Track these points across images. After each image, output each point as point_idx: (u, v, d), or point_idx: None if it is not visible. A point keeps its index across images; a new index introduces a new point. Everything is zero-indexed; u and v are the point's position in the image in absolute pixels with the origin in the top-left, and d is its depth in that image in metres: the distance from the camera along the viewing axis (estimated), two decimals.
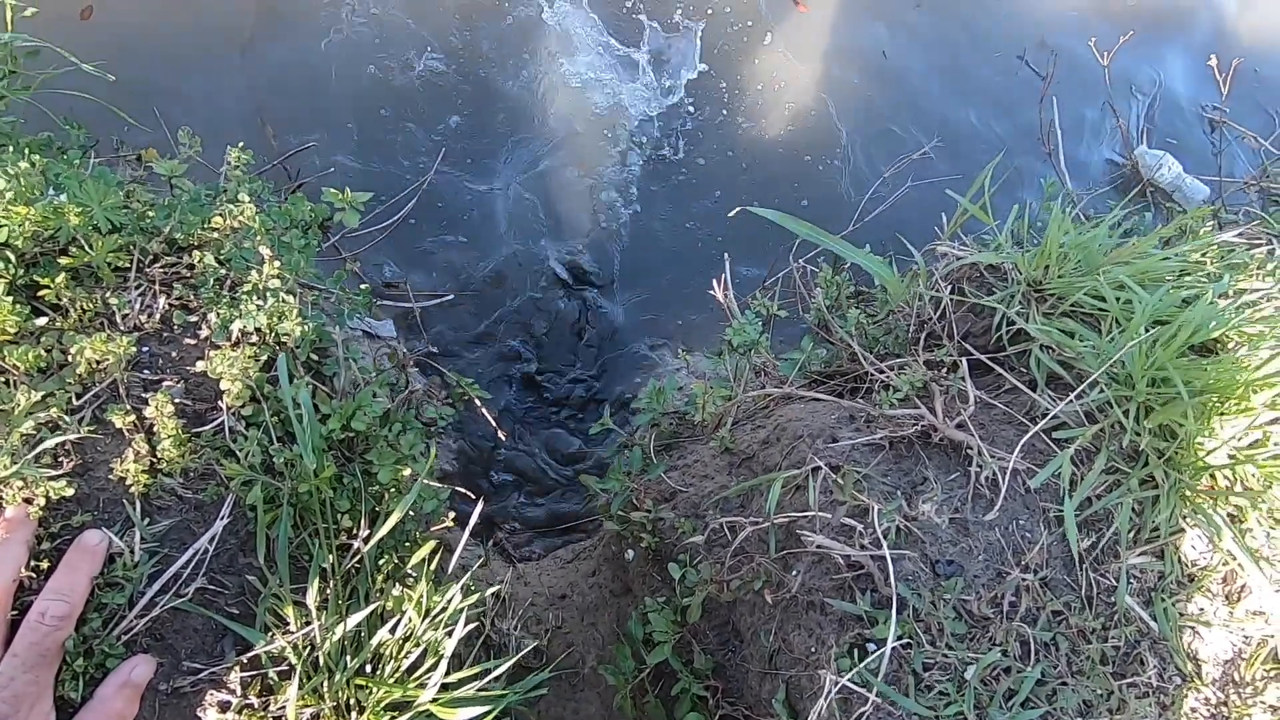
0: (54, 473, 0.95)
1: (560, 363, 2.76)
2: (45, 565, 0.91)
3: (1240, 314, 1.31)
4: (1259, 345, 1.25)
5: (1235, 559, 1.17)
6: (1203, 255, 1.49)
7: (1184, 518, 1.19)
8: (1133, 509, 1.20)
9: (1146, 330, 1.27)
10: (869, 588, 1.18)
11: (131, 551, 0.96)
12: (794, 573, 1.27)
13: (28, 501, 0.92)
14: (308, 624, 1.04)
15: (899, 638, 1.09)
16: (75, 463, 0.98)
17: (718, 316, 2.12)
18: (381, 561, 1.17)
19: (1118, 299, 1.36)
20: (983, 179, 1.66)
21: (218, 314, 1.11)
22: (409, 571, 1.19)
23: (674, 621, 1.45)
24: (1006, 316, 1.46)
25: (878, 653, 1.07)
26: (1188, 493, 1.20)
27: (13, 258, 1.03)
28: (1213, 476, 1.21)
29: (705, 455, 1.80)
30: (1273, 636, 1.17)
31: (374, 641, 1.09)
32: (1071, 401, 1.27)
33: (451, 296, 2.05)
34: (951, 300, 1.58)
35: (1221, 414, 1.20)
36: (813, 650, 1.21)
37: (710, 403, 1.74)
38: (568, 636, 1.90)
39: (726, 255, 2.25)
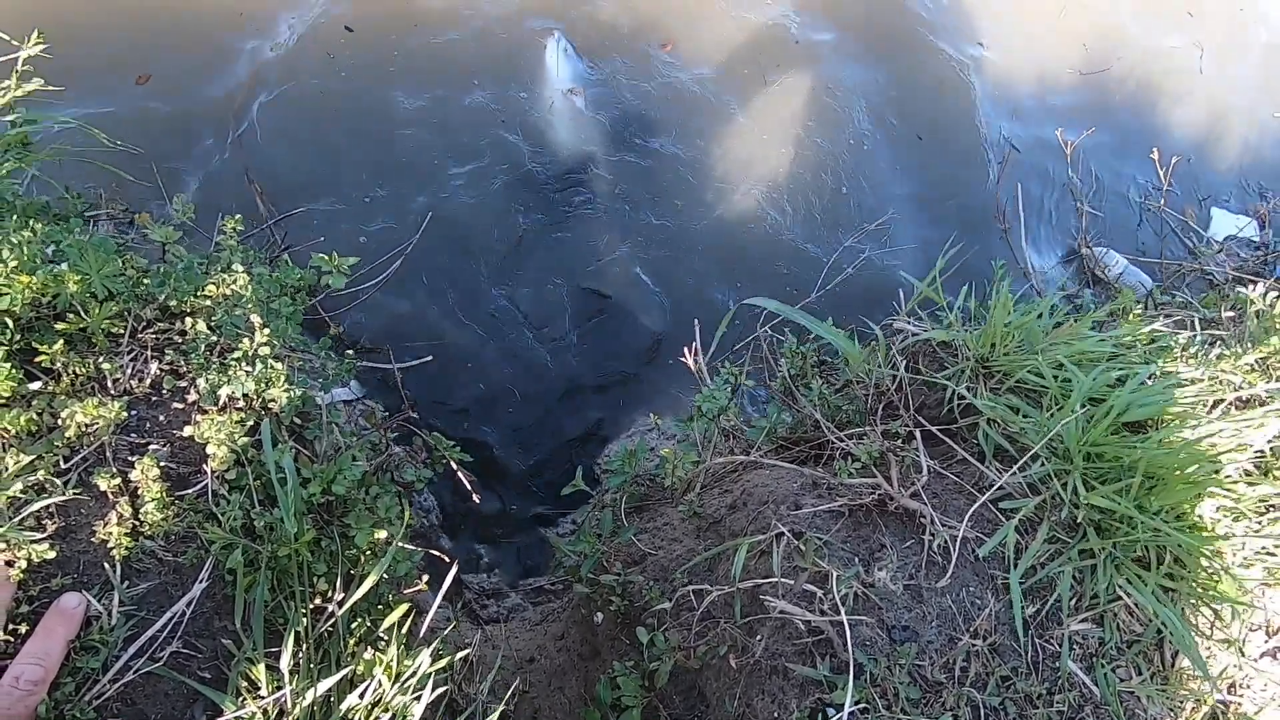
0: (37, 535, 0.97)
1: (533, 421, 2.80)
2: (24, 629, 0.93)
3: (1167, 395, 1.42)
4: (1182, 426, 1.36)
5: (1167, 627, 1.25)
6: (1133, 338, 1.62)
7: (1120, 586, 1.27)
8: (1073, 577, 1.28)
9: (1082, 408, 1.38)
10: (828, 653, 1.23)
11: (109, 615, 0.97)
12: (758, 638, 1.32)
13: (8, 564, 0.94)
14: (279, 689, 1.05)
15: (856, 702, 1.14)
16: (58, 525, 1.00)
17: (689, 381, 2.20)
18: (354, 624, 1.19)
19: (1055, 377, 1.47)
20: (941, 263, 1.78)
21: (207, 379, 1.16)
22: (381, 635, 1.21)
23: (642, 686, 1.47)
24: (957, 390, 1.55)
25: (835, 718, 1.11)
26: (1122, 563, 1.28)
27: (11, 324, 1.07)
28: (1145, 547, 1.30)
29: (674, 518, 1.85)
30: (1204, 702, 1.23)
31: (343, 707, 1.10)
32: (1015, 474, 1.36)
33: (430, 358, 2.10)
34: (907, 374, 1.68)
35: (1151, 489, 1.29)
36: (775, 715, 1.24)
37: (680, 467, 1.80)
38: (535, 701, 1.89)
39: (696, 321, 2.34)
